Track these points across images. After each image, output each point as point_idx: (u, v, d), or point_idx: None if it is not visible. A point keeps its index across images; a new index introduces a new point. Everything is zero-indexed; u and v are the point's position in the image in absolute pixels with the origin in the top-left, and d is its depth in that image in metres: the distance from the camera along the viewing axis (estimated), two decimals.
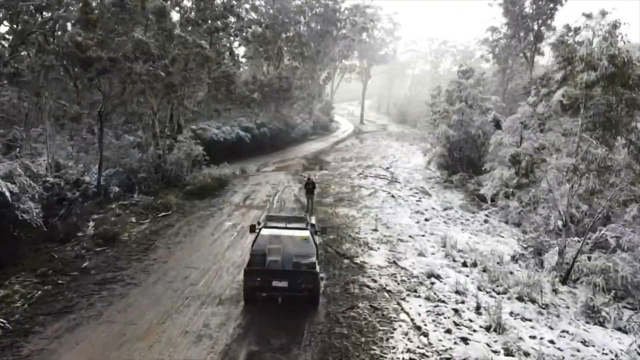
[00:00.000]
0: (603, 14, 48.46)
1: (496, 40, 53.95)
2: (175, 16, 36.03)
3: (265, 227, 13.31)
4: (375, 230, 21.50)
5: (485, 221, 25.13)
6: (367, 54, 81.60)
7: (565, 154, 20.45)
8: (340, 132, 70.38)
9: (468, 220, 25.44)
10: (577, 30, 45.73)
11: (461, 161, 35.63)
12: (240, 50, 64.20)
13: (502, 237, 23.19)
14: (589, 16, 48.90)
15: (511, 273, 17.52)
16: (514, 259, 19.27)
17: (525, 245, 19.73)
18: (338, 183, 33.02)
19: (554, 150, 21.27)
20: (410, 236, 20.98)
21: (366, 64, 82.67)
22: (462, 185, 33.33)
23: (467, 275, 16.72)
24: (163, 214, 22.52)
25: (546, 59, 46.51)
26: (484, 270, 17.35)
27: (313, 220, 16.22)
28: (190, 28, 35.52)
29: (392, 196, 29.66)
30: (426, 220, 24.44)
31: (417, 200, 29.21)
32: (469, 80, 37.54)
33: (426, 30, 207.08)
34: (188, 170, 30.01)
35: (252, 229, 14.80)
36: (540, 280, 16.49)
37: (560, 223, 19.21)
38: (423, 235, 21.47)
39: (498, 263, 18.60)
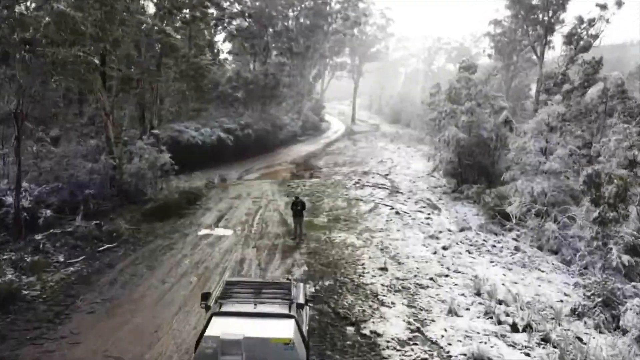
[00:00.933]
0: (619, 4, 43.38)
1: (500, 35, 48.42)
2: (151, 8, 30.29)
3: (219, 312, 7.55)
4: (384, 269, 15.76)
5: (517, 248, 19.49)
6: (359, 50, 75.86)
7: None
8: (332, 132, 64.62)
9: (494, 247, 19.78)
10: (591, 22, 40.44)
11: (472, 168, 30.04)
12: (226, 47, 58.57)
13: (543, 271, 17.59)
14: (603, 7, 44.08)
15: (581, 341, 11.93)
16: (576, 313, 13.69)
17: (590, 294, 14.11)
18: (332, 195, 27.30)
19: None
20: (431, 278, 15.28)
21: (358, 61, 76.93)
22: (475, 196, 27.79)
23: (528, 354, 11.06)
24: (106, 246, 16.65)
25: (557, 53, 41.13)
26: (545, 341, 11.75)
27: (302, 271, 10.45)
28: (165, 18, 29.65)
29: (397, 213, 24.00)
30: (444, 248, 18.75)
31: (426, 218, 23.56)
32: (474, 75, 31.97)
33: (419, 28, 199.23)
34: (152, 182, 24.14)
35: (204, 298, 9.09)
36: None
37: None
38: (447, 275, 15.79)
39: (554, 318, 13.08)
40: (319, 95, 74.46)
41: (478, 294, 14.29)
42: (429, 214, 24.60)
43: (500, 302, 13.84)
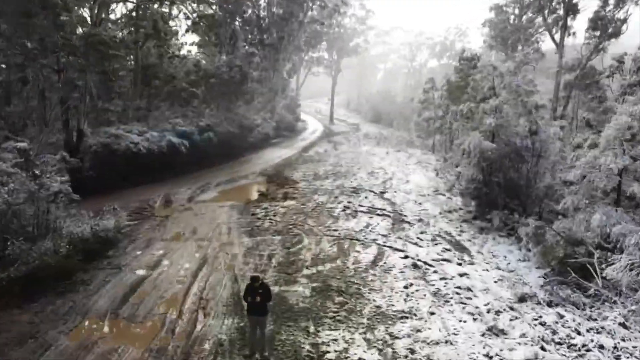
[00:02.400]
0: None
1: (501, 22, 39.89)
2: None
3: None
4: None
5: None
6: (337, 44, 66.66)
7: None
8: (309, 133, 55.41)
9: (592, 340, 11.00)
10: (620, 3, 32.15)
11: (500, 187, 21.23)
12: (190, 39, 48.95)
13: None
14: None
15: None
16: None
17: None
18: (314, 232, 18.11)
19: None
20: None
21: (335, 56, 67.72)
22: (507, 228, 19.09)
23: None
24: None
25: (579, 40, 32.69)
26: None
27: None
28: None
29: (415, 265, 15.02)
30: None
31: (460, 275, 14.63)
32: (506, 64, 23.19)
33: (399, 22, 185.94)
34: (36, 223, 14.52)
35: None
36: None
37: None
38: None
39: None
40: (294, 93, 65.08)
41: None
42: (459, 263, 15.71)
43: None
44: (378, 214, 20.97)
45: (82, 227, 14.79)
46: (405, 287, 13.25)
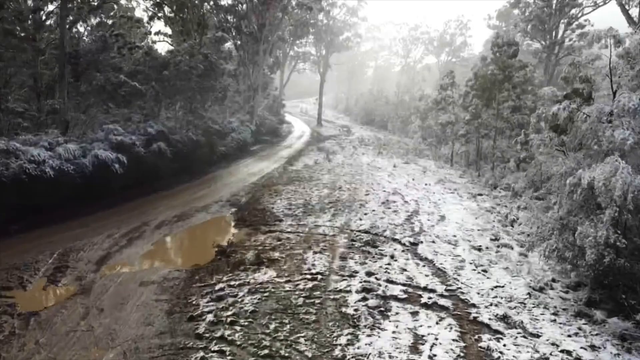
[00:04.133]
0: None
1: (538, 3, 30.07)
2: None
3: None
4: None
5: None
6: (325, 38, 56.41)
7: None
8: (295, 137, 45.19)
9: None
10: None
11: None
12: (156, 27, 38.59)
13: None
14: None
15: None
16: None
17: None
18: None
19: None
20: None
21: (324, 51, 57.43)
22: None
23: None
24: None
25: None
26: None
27: None
28: None
29: None
30: None
31: None
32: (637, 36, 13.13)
33: (391, 17, 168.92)
34: None
35: None
36: None
37: None
38: None
39: None
40: (278, 91, 54.72)
41: None
42: None
43: None
44: (425, 305, 10.85)
45: None
46: None
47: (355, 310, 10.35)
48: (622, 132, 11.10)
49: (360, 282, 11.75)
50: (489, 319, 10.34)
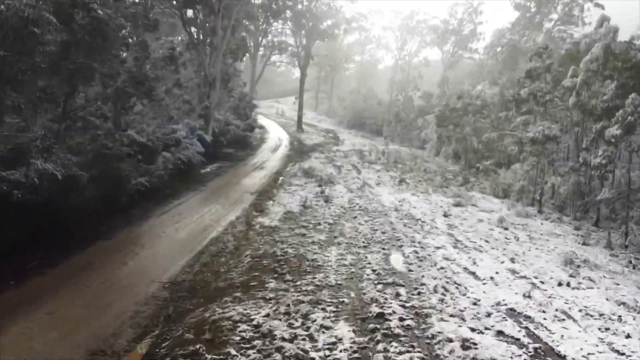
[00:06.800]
0: None
1: None
2: None
3: None
4: None
5: None
6: (306, 24, 43.16)
7: None
8: (268, 150, 31.92)
9: None
10: None
11: None
12: None
13: None
14: None
15: None
16: None
17: None
18: None
19: None
20: None
21: (305, 40, 44.15)
22: None
23: None
24: None
25: None
26: None
27: None
28: None
29: None
30: None
31: None
32: None
33: (379, 5, 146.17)
34: None
35: None
36: None
37: None
38: None
39: None
40: (248, 88, 41.28)
41: None
42: None
43: None
44: None
45: None
46: None
47: None
48: None
49: None
50: None
